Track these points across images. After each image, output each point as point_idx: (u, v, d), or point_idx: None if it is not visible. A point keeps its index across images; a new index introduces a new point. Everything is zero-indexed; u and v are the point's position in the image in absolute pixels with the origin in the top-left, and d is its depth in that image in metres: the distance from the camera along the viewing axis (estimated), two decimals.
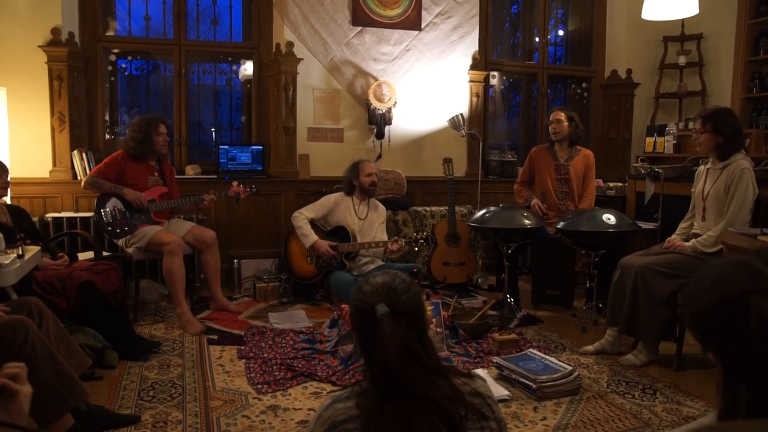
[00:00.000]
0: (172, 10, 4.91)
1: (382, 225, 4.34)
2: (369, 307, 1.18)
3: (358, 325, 1.24)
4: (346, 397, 1.21)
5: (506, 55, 6.07)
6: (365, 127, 5.18)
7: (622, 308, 3.17)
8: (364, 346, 1.22)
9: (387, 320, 1.16)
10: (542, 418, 2.53)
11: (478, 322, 3.55)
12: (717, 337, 1.06)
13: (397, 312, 1.18)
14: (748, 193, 3.05)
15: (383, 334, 1.15)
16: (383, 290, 1.21)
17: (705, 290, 1.07)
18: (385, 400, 1.15)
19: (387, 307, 1.17)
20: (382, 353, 1.14)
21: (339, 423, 1.18)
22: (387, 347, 1.14)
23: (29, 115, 4.41)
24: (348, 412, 1.18)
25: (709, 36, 5.45)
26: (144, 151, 3.90)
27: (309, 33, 4.97)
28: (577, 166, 4.32)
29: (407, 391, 1.14)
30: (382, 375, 1.16)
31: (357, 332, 1.26)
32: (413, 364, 1.15)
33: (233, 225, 4.83)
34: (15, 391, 1.11)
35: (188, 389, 2.78)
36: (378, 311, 1.17)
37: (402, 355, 1.14)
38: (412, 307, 1.21)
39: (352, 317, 1.27)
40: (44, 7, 4.37)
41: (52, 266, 3.19)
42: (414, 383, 1.14)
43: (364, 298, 1.21)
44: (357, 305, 1.23)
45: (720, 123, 3.10)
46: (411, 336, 1.17)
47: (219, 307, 4.04)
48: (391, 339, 1.14)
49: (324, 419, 1.20)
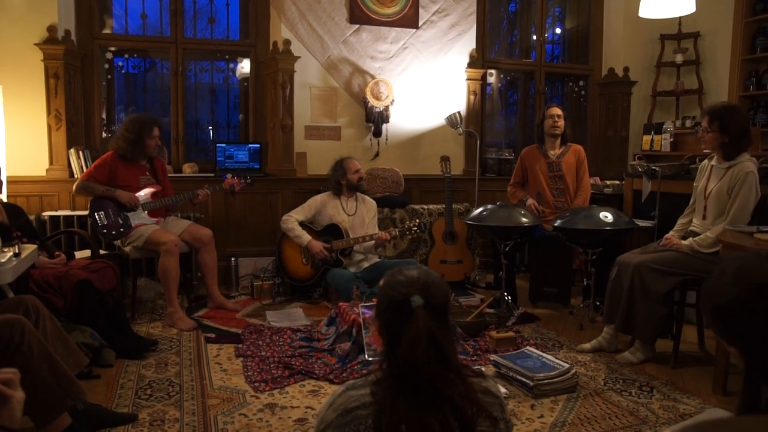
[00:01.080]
0: (169, 8, 4.89)
1: (373, 219, 4.34)
2: (404, 297, 1.20)
3: (389, 314, 1.25)
4: (359, 386, 1.24)
5: (504, 53, 6.08)
6: (362, 125, 5.18)
7: (619, 306, 3.17)
8: (390, 336, 1.23)
9: (421, 312, 1.18)
10: (539, 416, 2.53)
11: (476, 319, 3.56)
12: (741, 331, 1.03)
13: (431, 306, 1.20)
14: (751, 197, 3.01)
15: (416, 324, 1.17)
16: (419, 283, 1.23)
17: (728, 283, 1.05)
18: (400, 393, 1.17)
19: (422, 299, 1.19)
20: (412, 343, 1.16)
21: (351, 409, 1.20)
22: (418, 337, 1.17)
23: (26, 114, 4.39)
24: (361, 399, 1.20)
25: (706, 34, 5.46)
26: (134, 153, 3.86)
27: (306, 31, 4.96)
28: (569, 161, 4.34)
29: (425, 384, 1.16)
30: (405, 365, 1.17)
31: (384, 321, 1.26)
32: (437, 358, 1.17)
33: (230, 223, 4.83)
34: (8, 397, 1.11)
35: (185, 387, 2.77)
36: (413, 302, 1.19)
37: (429, 347, 1.17)
38: (443, 304, 1.24)
39: (381, 306, 1.28)
40: (40, 4, 4.35)
41: (49, 265, 3.19)
42: (434, 377, 1.16)
43: (399, 288, 1.23)
44: (391, 294, 1.24)
45: (727, 122, 3.03)
46: (439, 331, 1.20)
47: (216, 306, 4.04)
48: (423, 330, 1.17)
49: (336, 405, 1.22)
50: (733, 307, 1.03)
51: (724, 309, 1.05)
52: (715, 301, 1.07)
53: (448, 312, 1.27)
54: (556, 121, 4.30)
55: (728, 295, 1.04)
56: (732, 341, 1.06)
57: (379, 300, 1.29)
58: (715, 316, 1.07)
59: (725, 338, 1.07)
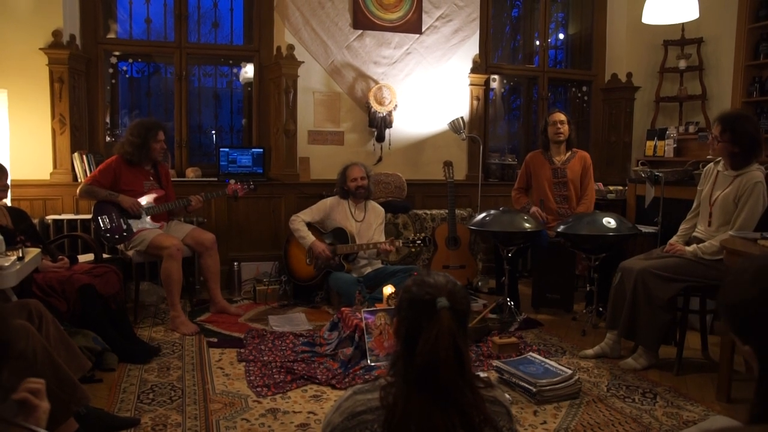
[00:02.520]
0: (173, 12, 4.92)
1: (380, 226, 4.35)
2: (430, 297, 1.22)
3: (412, 312, 1.26)
4: (367, 390, 1.25)
5: (507, 58, 6.08)
6: (366, 130, 5.19)
7: (622, 312, 3.16)
8: (409, 334, 1.24)
9: (446, 313, 1.20)
10: (542, 422, 2.52)
11: (478, 325, 3.55)
12: (758, 331, 1.03)
13: (455, 310, 1.22)
14: (758, 208, 2.98)
15: (440, 324, 1.19)
16: (446, 288, 1.25)
17: (747, 282, 1.04)
18: (411, 397, 1.18)
19: (448, 302, 1.22)
20: (435, 342, 1.18)
21: (358, 413, 1.20)
22: (441, 337, 1.18)
23: (30, 118, 4.41)
24: (368, 404, 1.21)
25: (709, 40, 5.46)
26: (140, 158, 3.88)
27: (310, 36, 4.98)
28: (575, 168, 4.32)
29: (441, 385, 1.18)
30: (424, 363, 1.18)
31: (406, 319, 1.27)
32: (455, 362, 1.19)
33: (233, 227, 4.83)
34: (35, 407, 1.13)
35: (188, 392, 2.77)
36: (439, 303, 1.21)
37: (450, 347, 1.18)
38: (465, 312, 1.27)
39: (404, 303, 1.29)
40: (45, 9, 4.37)
41: (53, 268, 3.19)
42: (449, 380, 1.18)
43: (426, 288, 1.25)
44: (417, 294, 1.26)
45: (738, 133, 2.96)
46: (460, 335, 1.22)
47: (219, 310, 4.04)
48: (446, 331, 1.19)
49: (343, 409, 1.23)
50: (751, 307, 1.03)
51: (741, 308, 1.05)
52: (732, 299, 1.06)
53: (467, 321, 1.29)
54: (558, 127, 4.27)
55: (747, 295, 1.04)
56: (747, 341, 1.06)
57: (403, 299, 1.30)
58: (732, 314, 1.07)
59: (741, 337, 1.07)
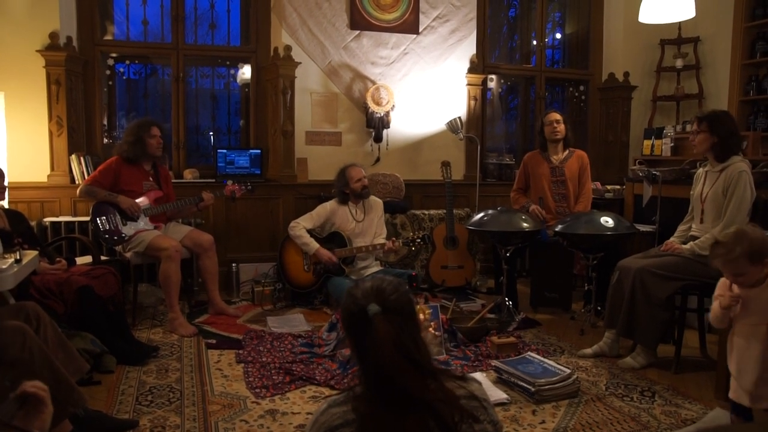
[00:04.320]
0: (170, 14, 4.91)
1: (381, 219, 4.34)
2: (360, 308, 1.19)
3: (351, 329, 1.25)
4: (341, 402, 1.22)
5: (504, 58, 6.09)
6: (363, 131, 5.19)
7: (621, 311, 3.16)
8: (358, 350, 1.22)
9: (379, 319, 1.17)
10: (541, 422, 2.52)
11: (477, 325, 3.55)
12: None
13: (389, 311, 1.19)
14: (746, 196, 3.04)
15: (377, 334, 1.16)
16: (373, 292, 1.22)
17: None
18: (380, 405, 1.15)
19: (378, 307, 1.18)
20: (376, 353, 1.15)
21: (335, 427, 1.18)
22: (381, 346, 1.15)
23: (27, 120, 4.41)
24: (344, 417, 1.18)
25: (706, 39, 5.47)
26: (137, 154, 3.88)
27: (307, 37, 4.98)
28: (572, 167, 4.33)
29: (402, 393, 1.14)
30: (376, 377, 1.16)
31: (350, 336, 1.26)
32: (407, 364, 1.15)
33: (231, 229, 4.83)
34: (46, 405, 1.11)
35: (186, 394, 2.77)
36: (370, 311, 1.18)
37: (395, 354, 1.14)
38: (402, 305, 1.22)
39: (344, 322, 1.28)
40: (42, 11, 4.37)
41: (50, 271, 3.19)
42: (408, 384, 1.14)
43: (355, 301, 1.22)
44: (349, 308, 1.24)
45: (715, 124, 3.12)
46: (404, 335, 1.18)
47: (217, 311, 4.03)
48: (384, 338, 1.15)
49: (320, 424, 1.20)
50: None
51: None
52: None
53: (412, 313, 1.25)
54: (555, 127, 4.28)
55: None
56: None
57: (342, 318, 1.28)
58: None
59: None
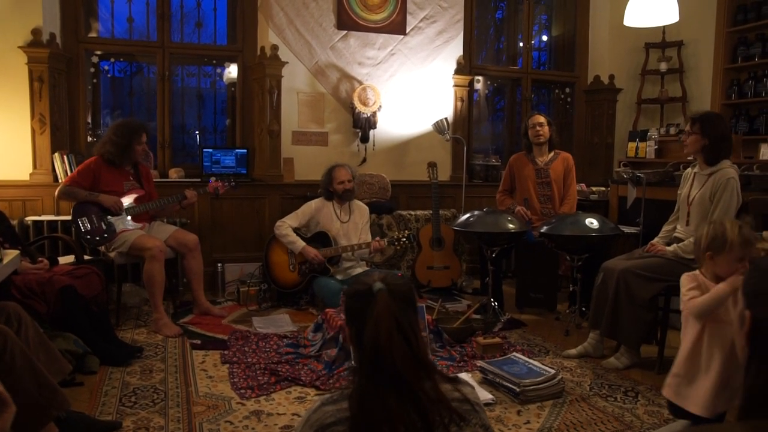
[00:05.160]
0: (156, 11, 4.87)
1: (366, 225, 4.35)
2: (366, 287, 1.25)
3: (355, 306, 1.27)
4: (334, 400, 1.22)
5: (490, 60, 6.12)
6: (350, 131, 5.18)
7: (605, 312, 3.19)
8: (357, 327, 1.25)
9: (383, 295, 1.22)
10: (526, 422, 2.54)
11: (463, 325, 3.57)
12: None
13: (393, 292, 1.24)
14: (732, 203, 3.06)
15: (378, 307, 1.20)
16: (380, 276, 1.29)
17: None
18: (370, 383, 1.18)
19: (384, 285, 1.24)
20: (376, 326, 1.19)
21: (327, 425, 1.18)
22: (380, 320, 1.19)
23: (9, 117, 4.34)
24: (337, 415, 1.19)
25: (689, 43, 5.54)
26: (122, 159, 3.82)
27: (294, 36, 4.96)
28: (557, 169, 4.35)
29: (393, 374, 1.17)
30: (372, 352, 1.18)
31: (351, 317, 1.29)
32: (403, 344, 1.19)
33: (216, 228, 4.80)
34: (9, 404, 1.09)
35: (171, 395, 2.75)
36: (375, 287, 1.23)
37: (393, 330, 1.19)
38: (405, 292, 1.27)
39: (347, 303, 1.31)
40: (25, 7, 4.31)
41: (32, 270, 3.14)
42: (401, 366, 1.17)
43: (362, 281, 1.28)
44: (355, 288, 1.29)
45: (708, 126, 3.12)
46: (403, 317, 1.22)
47: (202, 312, 4.01)
48: (384, 312, 1.20)
49: (312, 422, 1.20)
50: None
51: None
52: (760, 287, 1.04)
53: (414, 305, 1.29)
54: (538, 130, 4.30)
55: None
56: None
57: (346, 301, 1.33)
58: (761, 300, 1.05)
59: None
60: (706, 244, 2.19)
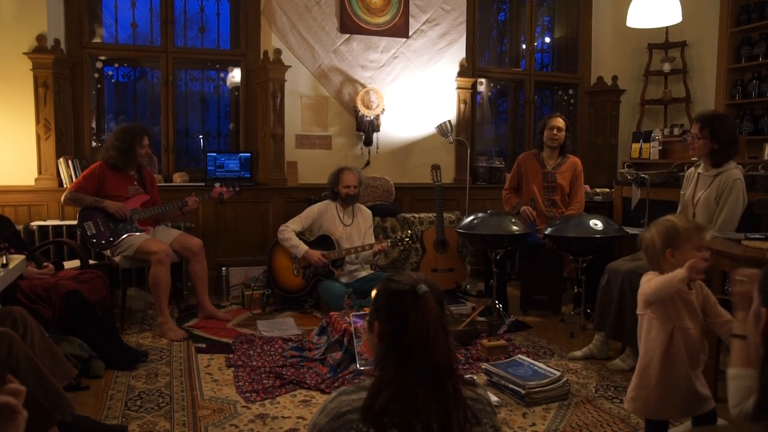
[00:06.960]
0: (160, 17, 4.90)
1: (369, 229, 4.34)
2: (409, 287, 1.28)
3: (393, 305, 1.30)
4: (352, 391, 1.27)
5: (493, 62, 6.12)
6: (353, 134, 5.19)
7: (610, 313, 3.18)
8: (393, 325, 1.27)
9: (429, 296, 1.27)
10: (531, 424, 2.53)
11: (467, 328, 3.56)
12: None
13: (435, 293, 1.29)
14: (738, 205, 3.04)
15: (426, 307, 1.25)
16: (420, 278, 1.32)
17: None
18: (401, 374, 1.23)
19: (428, 288, 1.28)
20: (425, 325, 1.24)
21: (343, 414, 1.22)
22: (429, 319, 1.25)
23: (14, 123, 4.37)
24: (353, 404, 1.23)
25: (693, 44, 5.53)
26: (125, 163, 3.84)
27: (297, 40, 4.98)
28: (565, 174, 4.33)
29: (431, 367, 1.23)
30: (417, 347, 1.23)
31: (387, 313, 1.30)
32: (445, 341, 1.27)
33: (221, 232, 4.81)
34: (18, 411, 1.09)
35: (176, 398, 2.75)
36: (420, 289, 1.27)
37: (439, 328, 1.25)
38: (441, 293, 1.33)
39: (385, 300, 1.32)
40: (29, 13, 4.34)
41: (38, 275, 3.16)
42: (440, 359, 1.24)
43: (403, 281, 1.31)
44: (395, 287, 1.31)
45: (717, 130, 3.07)
46: (443, 315, 1.30)
47: (207, 315, 4.01)
48: (433, 312, 1.26)
49: (329, 410, 1.25)
50: None
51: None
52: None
53: (444, 310, 1.34)
54: (555, 134, 4.25)
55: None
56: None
57: (380, 296, 1.34)
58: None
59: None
60: (662, 243, 2.09)
